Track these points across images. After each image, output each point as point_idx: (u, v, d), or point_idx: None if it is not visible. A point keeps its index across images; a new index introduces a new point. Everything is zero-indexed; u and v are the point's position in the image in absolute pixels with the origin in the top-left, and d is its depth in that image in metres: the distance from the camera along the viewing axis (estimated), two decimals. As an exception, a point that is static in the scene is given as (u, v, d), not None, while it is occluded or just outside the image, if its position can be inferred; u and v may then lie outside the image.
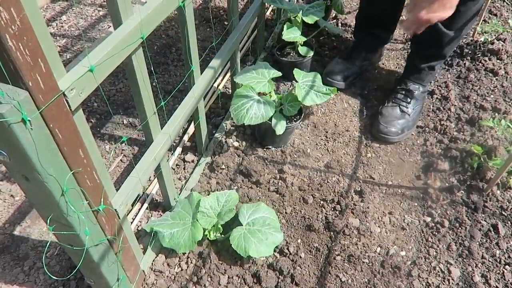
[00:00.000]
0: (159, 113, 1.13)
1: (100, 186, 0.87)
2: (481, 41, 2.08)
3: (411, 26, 1.18)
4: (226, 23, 2.32)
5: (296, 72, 1.55)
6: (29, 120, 0.62)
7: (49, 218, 0.80)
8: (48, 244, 0.83)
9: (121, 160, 1.61)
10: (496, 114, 1.76)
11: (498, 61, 2.00)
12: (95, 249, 0.91)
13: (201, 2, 2.52)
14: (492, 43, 2.06)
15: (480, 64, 1.99)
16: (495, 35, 2.10)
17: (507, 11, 2.37)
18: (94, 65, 0.76)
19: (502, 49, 2.02)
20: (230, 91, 1.86)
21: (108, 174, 0.93)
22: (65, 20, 2.46)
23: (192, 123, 1.61)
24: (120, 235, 0.99)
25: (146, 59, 2.14)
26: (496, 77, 1.93)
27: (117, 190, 1.01)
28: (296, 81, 1.53)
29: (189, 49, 1.19)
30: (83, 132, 0.79)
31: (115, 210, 0.97)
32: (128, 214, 1.36)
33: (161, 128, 1.19)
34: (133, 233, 1.14)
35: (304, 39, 1.78)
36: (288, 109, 1.51)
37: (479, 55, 2.03)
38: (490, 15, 2.34)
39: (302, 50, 1.81)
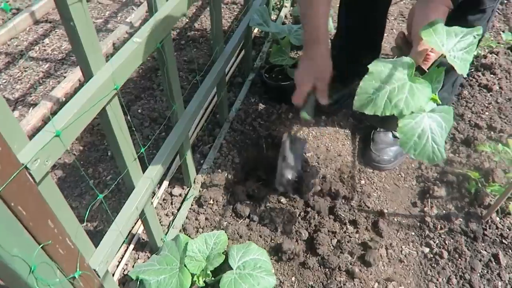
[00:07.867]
0: (141, 144, 1.06)
1: (75, 251, 0.81)
2: (474, 55, 2.04)
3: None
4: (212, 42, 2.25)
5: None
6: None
7: (19, 293, 0.74)
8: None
9: (105, 195, 1.55)
10: (492, 132, 1.71)
11: (491, 75, 1.95)
12: (73, 316, 0.85)
13: (187, 20, 2.46)
14: (485, 57, 2.02)
15: (474, 79, 1.94)
16: (488, 49, 2.06)
17: (499, 22, 2.33)
18: (61, 128, 0.70)
19: (495, 63, 1.98)
20: (218, 115, 1.80)
21: (84, 234, 0.87)
22: (47, 43, 2.39)
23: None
24: (100, 295, 0.93)
25: (128, 89, 2.04)
26: (491, 93, 1.89)
27: (96, 245, 0.95)
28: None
29: (171, 87, 1.13)
30: (52, 200, 0.72)
31: (94, 270, 0.90)
32: (113, 273, 1.29)
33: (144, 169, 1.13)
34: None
35: (291, 62, 1.72)
36: None
37: (472, 70, 1.99)
38: (481, 26, 2.30)
39: (290, 72, 1.76)
